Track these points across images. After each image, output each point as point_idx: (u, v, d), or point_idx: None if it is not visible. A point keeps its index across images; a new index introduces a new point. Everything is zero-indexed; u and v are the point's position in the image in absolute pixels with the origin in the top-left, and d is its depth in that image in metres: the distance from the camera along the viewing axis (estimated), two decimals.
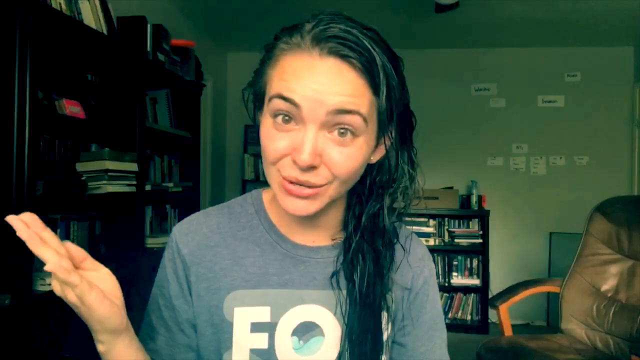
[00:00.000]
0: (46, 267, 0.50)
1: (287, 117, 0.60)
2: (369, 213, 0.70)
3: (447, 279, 4.11)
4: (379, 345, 0.69)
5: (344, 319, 0.69)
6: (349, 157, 0.61)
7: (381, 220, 0.70)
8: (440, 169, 4.37)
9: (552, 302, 3.95)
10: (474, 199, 4.13)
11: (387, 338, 0.72)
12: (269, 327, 0.69)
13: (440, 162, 4.37)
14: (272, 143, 0.61)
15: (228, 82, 4.62)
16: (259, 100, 0.67)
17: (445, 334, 0.79)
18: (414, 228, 3.93)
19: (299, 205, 0.62)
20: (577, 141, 4.33)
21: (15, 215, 0.52)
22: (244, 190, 4.44)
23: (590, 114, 4.31)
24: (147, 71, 2.46)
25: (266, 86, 0.63)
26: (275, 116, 0.60)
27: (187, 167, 3.15)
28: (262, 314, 0.69)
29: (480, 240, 4.01)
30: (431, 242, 4.03)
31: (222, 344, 0.69)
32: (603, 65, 4.29)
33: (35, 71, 1.68)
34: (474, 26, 3.85)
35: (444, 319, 0.80)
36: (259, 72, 0.66)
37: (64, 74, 2.12)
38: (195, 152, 3.15)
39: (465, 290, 4.10)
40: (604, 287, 2.42)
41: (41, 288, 1.71)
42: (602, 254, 2.47)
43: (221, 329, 0.69)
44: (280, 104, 0.59)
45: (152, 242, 2.58)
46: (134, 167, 2.24)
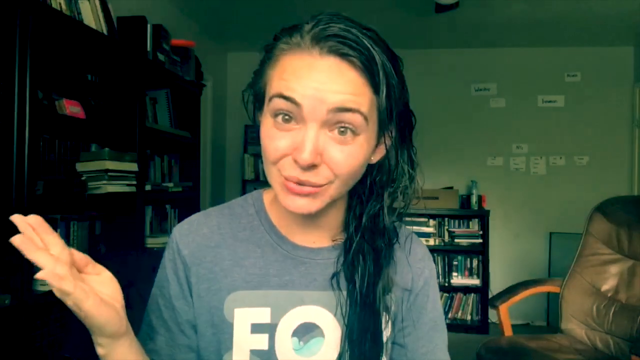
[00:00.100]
0: (37, 275, 0.49)
1: (287, 117, 0.60)
2: (370, 213, 0.70)
3: (447, 279, 4.11)
4: (379, 346, 0.69)
5: (344, 319, 0.69)
6: (350, 156, 0.61)
7: (381, 220, 0.70)
8: (440, 169, 4.37)
9: (552, 302, 3.95)
10: (474, 199, 4.13)
11: (387, 339, 0.72)
12: (269, 328, 0.69)
13: (440, 162, 4.37)
14: (273, 142, 0.61)
15: (228, 82, 4.62)
16: (259, 101, 0.67)
17: (446, 335, 0.78)
18: (414, 228, 3.93)
19: (300, 204, 0.62)
20: (577, 141, 4.33)
21: (22, 216, 0.52)
22: (244, 190, 4.44)
23: (590, 114, 4.31)
24: (147, 71, 2.46)
25: (266, 86, 0.63)
26: (276, 116, 0.60)
27: (187, 167, 3.15)
28: (263, 314, 0.69)
29: (480, 240, 4.01)
30: (431, 242, 4.03)
31: (222, 344, 0.69)
32: (603, 65, 4.29)
33: (35, 71, 1.68)
34: (474, 26, 3.85)
35: (444, 319, 0.80)
36: (259, 72, 0.66)
37: (64, 74, 2.12)
38: (195, 152, 3.15)
39: (465, 290, 4.10)
40: (604, 287, 2.42)
41: (41, 288, 1.71)
42: (602, 254, 2.47)
43: (221, 330, 0.69)
44: (280, 103, 0.59)
45: (152, 242, 2.59)
46: (134, 167, 2.25)
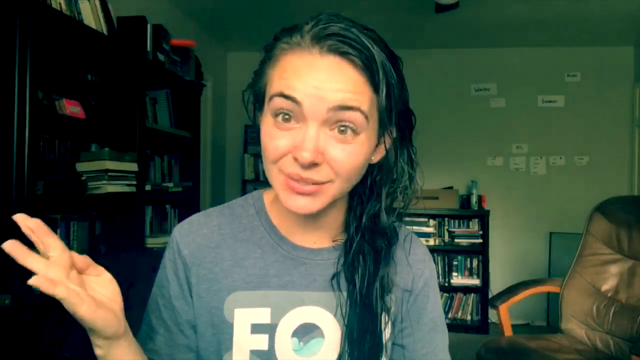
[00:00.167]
0: (30, 282, 0.49)
1: (287, 116, 0.60)
2: (370, 213, 0.70)
3: (447, 279, 4.11)
4: (379, 347, 0.69)
5: (344, 320, 0.69)
6: (351, 155, 0.61)
7: (381, 219, 0.70)
8: (440, 169, 4.37)
9: (552, 302, 3.95)
10: (474, 199, 4.13)
11: (387, 340, 0.72)
12: (269, 329, 0.69)
13: (440, 162, 4.37)
14: (273, 141, 0.61)
15: (228, 82, 4.62)
16: (259, 101, 0.67)
17: (447, 336, 0.78)
18: (414, 228, 3.93)
19: (301, 203, 0.62)
20: (577, 141, 4.32)
21: (26, 215, 0.52)
22: (244, 190, 4.44)
23: (590, 114, 4.31)
24: (147, 71, 2.46)
25: (266, 86, 0.63)
26: (276, 115, 0.60)
27: (187, 167, 3.15)
28: (263, 315, 0.69)
29: (480, 240, 4.02)
30: (431, 242, 4.03)
31: (222, 345, 0.69)
32: (603, 65, 4.29)
33: (35, 71, 1.68)
34: (474, 26, 3.85)
35: (444, 320, 0.80)
36: (259, 73, 0.66)
37: (64, 74, 2.12)
38: (195, 152, 3.15)
39: (465, 290, 4.10)
40: (604, 287, 2.42)
41: None
42: (602, 254, 2.47)
43: (221, 330, 0.69)
44: (281, 102, 0.59)
45: (152, 242, 2.59)
46: (134, 167, 2.25)
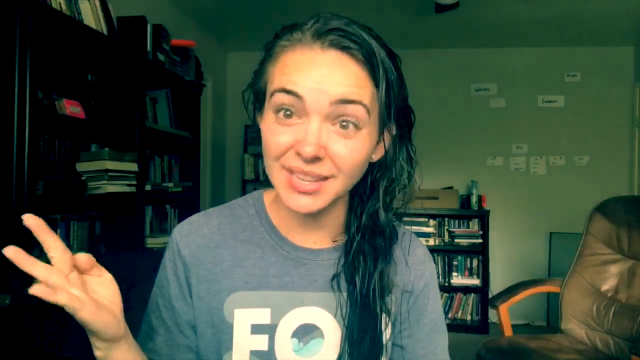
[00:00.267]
0: (30, 291, 0.48)
1: (289, 112, 0.60)
2: (369, 212, 0.70)
3: (447, 279, 4.11)
4: (379, 347, 0.69)
5: (344, 321, 0.69)
6: (353, 150, 0.61)
7: (380, 217, 0.70)
8: (440, 169, 4.37)
9: (552, 302, 3.95)
10: (474, 199, 4.13)
11: (387, 340, 0.72)
12: (269, 329, 0.69)
13: (440, 162, 4.37)
14: (275, 137, 0.61)
15: (228, 82, 4.62)
16: (259, 100, 0.66)
17: (447, 336, 0.78)
18: (414, 228, 3.93)
19: (302, 202, 0.62)
20: (577, 141, 4.32)
21: (34, 216, 0.51)
22: (244, 190, 4.44)
23: (590, 114, 4.31)
24: (147, 71, 2.46)
25: (267, 83, 0.63)
26: (278, 111, 0.60)
27: (187, 167, 3.15)
28: (263, 315, 0.69)
29: (480, 240, 4.02)
30: (431, 242, 4.03)
31: (222, 345, 0.69)
32: (603, 65, 4.29)
33: (35, 71, 1.68)
34: (474, 26, 3.85)
35: (444, 320, 0.80)
36: (259, 71, 0.66)
37: (64, 74, 2.12)
38: (195, 152, 3.15)
39: (465, 290, 4.10)
40: (604, 287, 2.42)
41: None
42: (602, 254, 2.47)
43: (221, 330, 0.69)
44: (282, 97, 0.59)
45: (152, 242, 2.58)
46: (134, 167, 2.24)
